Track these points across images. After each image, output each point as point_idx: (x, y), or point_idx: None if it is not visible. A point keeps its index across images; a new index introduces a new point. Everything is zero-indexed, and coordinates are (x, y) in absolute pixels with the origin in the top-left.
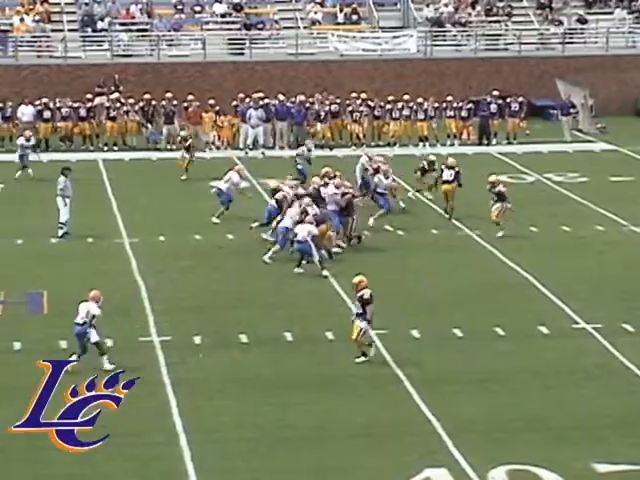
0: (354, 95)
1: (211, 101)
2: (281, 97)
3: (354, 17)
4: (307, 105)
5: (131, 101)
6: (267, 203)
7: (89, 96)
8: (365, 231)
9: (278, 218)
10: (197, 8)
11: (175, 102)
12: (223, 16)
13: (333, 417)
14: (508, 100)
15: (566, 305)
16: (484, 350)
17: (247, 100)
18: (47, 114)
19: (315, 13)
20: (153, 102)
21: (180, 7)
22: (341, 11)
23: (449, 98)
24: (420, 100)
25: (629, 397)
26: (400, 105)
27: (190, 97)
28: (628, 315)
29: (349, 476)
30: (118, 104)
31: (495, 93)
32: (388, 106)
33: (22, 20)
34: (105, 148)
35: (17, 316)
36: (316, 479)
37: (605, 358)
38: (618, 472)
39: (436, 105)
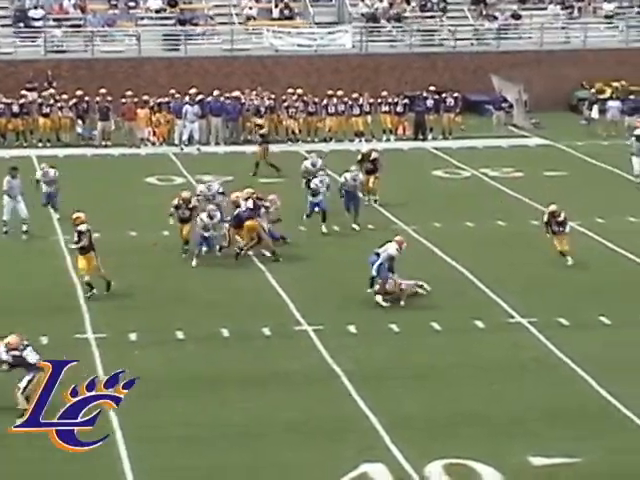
0: (290, 91)
1: (145, 97)
2: (216, 93)
3: (289, 13)
4: (242, 101)
5: (65, 97)
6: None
7: (22, 92)
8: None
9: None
10: (131, 4)
11: (110, 98)
12: (157, 12)
13: (270, 413)
14: (443, 95)
15: (501, 299)
16: (420, 345)
17: (179, 96)
18: None
19: (250, 9)
20: (86, 98)
21: (114, 2)
22: (276, 7)
23: (384, 93)
24: (355, 95)
25: (564, 391)
26: (335, 100)
27: (128, 93)
28: (563, 309)
29: (287, 472)
30: (51, 100)
31: (431, 88)
32: (324, 102)
33: None
34: (39, 144)
35: None
36: (254, 476)
37: (541, 352)
38: (553, 465)
39: (371, 100)
